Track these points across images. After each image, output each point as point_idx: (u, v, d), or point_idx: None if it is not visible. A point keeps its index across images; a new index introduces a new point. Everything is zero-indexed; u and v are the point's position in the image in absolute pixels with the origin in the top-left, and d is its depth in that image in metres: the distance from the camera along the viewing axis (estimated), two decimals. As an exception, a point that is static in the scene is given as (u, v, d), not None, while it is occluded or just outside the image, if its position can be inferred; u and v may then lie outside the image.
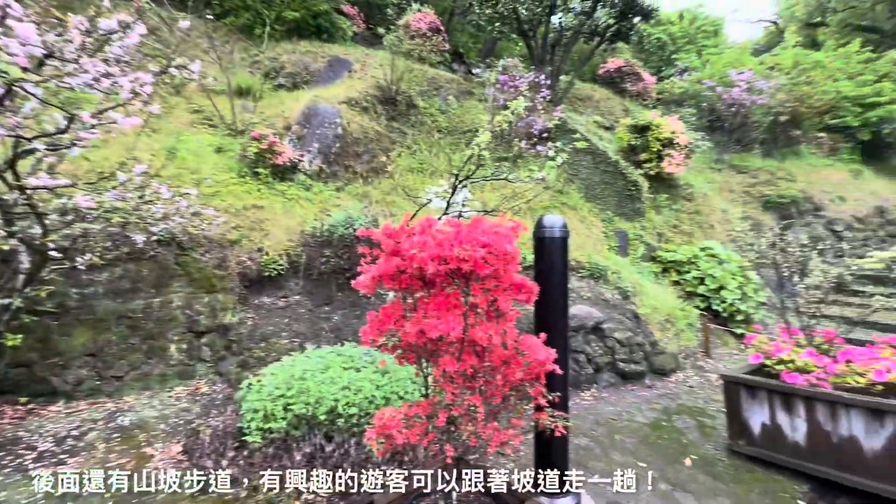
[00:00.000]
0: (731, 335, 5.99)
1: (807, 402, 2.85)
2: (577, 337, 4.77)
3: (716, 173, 8.99)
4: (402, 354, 1.85)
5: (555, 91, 8.42)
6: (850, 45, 11.63)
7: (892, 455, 2.50)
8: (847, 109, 10.29)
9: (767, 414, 3.04)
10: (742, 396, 3.18)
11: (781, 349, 3.18)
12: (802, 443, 2.86)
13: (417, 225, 1.58)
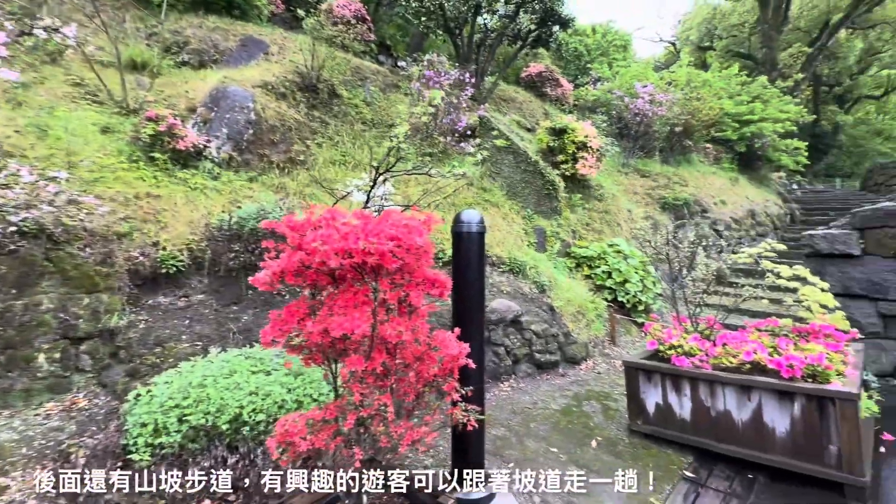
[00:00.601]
0: (634, 324, 6.57)
1: (692, 382, 3.19)
2: (497, 330, 4.91)
3: (623, 176, 9.79)
4: (309, 355, 1.74)
5: (479, 90, 8.59)
6: (731, 69, 13.33)
7: (756, 425, 2.89)
8: (728, 124, 11.78)
9: (660, 395, 3.36)
10: (640, 380, 3.48)
11: (672, 336, 3.53)
12: (688, 418, 3.21)
13: (321, 217, 1.48)
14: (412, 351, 1.78)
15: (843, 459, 2.56)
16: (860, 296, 4.24)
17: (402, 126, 3.07)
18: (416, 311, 1.69)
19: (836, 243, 4.43)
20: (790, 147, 12.87)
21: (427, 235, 1.55)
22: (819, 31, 18.04)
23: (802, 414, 2.71)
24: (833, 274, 4.33)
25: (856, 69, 20.27)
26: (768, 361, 2.92)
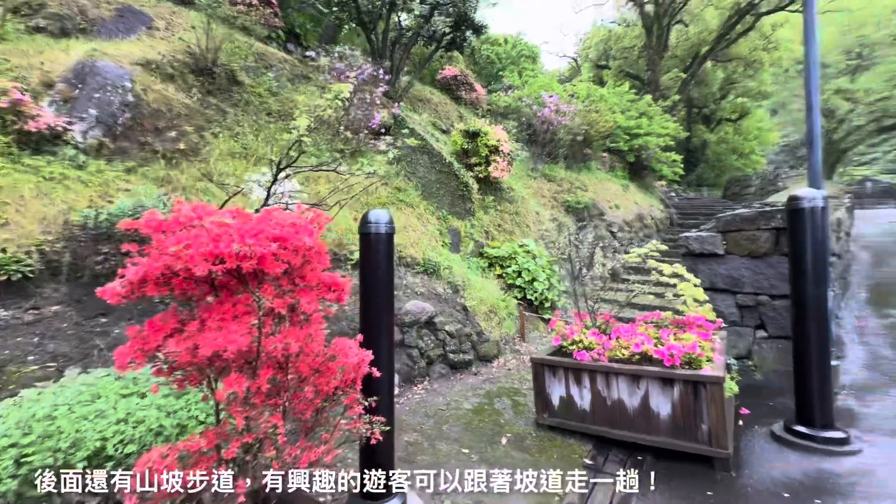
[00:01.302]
0: (542, 320, 6.93)
1: (590, 374, 3.41)
2: (411, 332, 4.83)
3: (532, 180, 10.33)
4: (184, 376, 1.49)
5: (394, 88, 8.46)
6: (623, 87, 14.80)
7: (644, 410, 3.16)
8: (620, 136, 13.04)
9: (564, 388, 3.54)
10: (546, 375, 3.64)
11: (574, 331, 3.75)
12: (587, 409, 3.42)
13: (188, 215, 1.27)
14: (309, 363, 1.62)
15: (712, 436, 2.91)
16: (723, 289, 4.91)
17: (303, 118, 2.85)
18: (309, 319, 1.54)
19: (705, 244, 5.07)
20: (669, 159, 14.64)
21: (318, 235, 1.41)
22: (691, 59, 20.81)
23: (681, 398, 3.03)
24: (703, 271, 4.96)
25: (718, 95, 23.77)
26: (654, 352, 3.22)
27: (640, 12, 19.69)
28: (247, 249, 1.17)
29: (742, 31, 19.03)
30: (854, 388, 3.99)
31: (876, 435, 3.19)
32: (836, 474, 2.78)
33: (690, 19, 20.62)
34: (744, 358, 4.67)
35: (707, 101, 23.39)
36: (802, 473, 2.82)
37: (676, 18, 19.61)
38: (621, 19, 24.16)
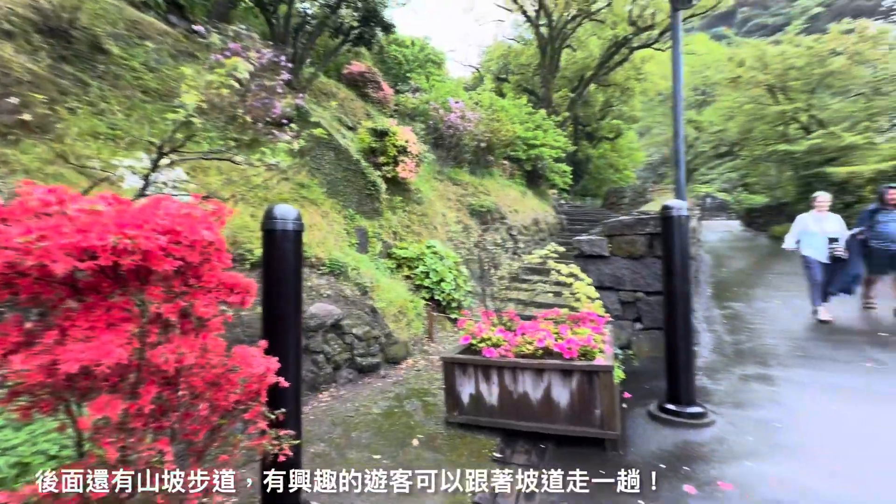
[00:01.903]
0: (449, 320, 7.07)
1: (498, 370, 3.54)
2: (316, 337, 4.56)
3: (438, 182, 10.51)
4: (31, 402, 1.18)
5: (297, 78, 7.95)
6: (522, 100, 15.86)
7: (546, 401, 3.38)
8: (519, 146, 13.94)
9: (473, 385, 3.62)
10: (456, 373, 3.69)
11: (483, 329, 3.86)
12: (496, 404, 3.55)
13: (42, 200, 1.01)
14: (204, 376, 1.41)
15: (604, 419, 3.22)
16: (609, 287, 5.50)
17: (192, 95, 2.49)
18: (206, 326, 1.34)
19: (594, 247, 5.63)
20: (561, 170, 16.06)
21: (219, 229, 1.23)
22: (578, 81, 23.13)
23: (578, 387, 3.29)
24: (593, 271, 5.50)
25: (599, 115, 26.79)
26: (555, 346, 3.46)
27: (535, 33, 21.31)
28: (128, 243, 0.96)
29: (619, 61, 21.68)
30: (706, 369, 4.75)
31: (724, 407, 3.82)
32: (699, 443, 3.26)
33: (578, 45, 22.91)
34: (625, 348, 5.28)
35: (590, 120, 26.16)
36: (673, 445, 3.26)
37: (566, 43, 21.62)
38: (519, 37, 25.93)
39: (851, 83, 14.06)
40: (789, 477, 2.76)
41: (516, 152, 13.96)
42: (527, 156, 14.15)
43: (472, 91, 15.07)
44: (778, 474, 2.80)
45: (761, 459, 2.99)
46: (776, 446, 3.15)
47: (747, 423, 3.53)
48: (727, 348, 5.31)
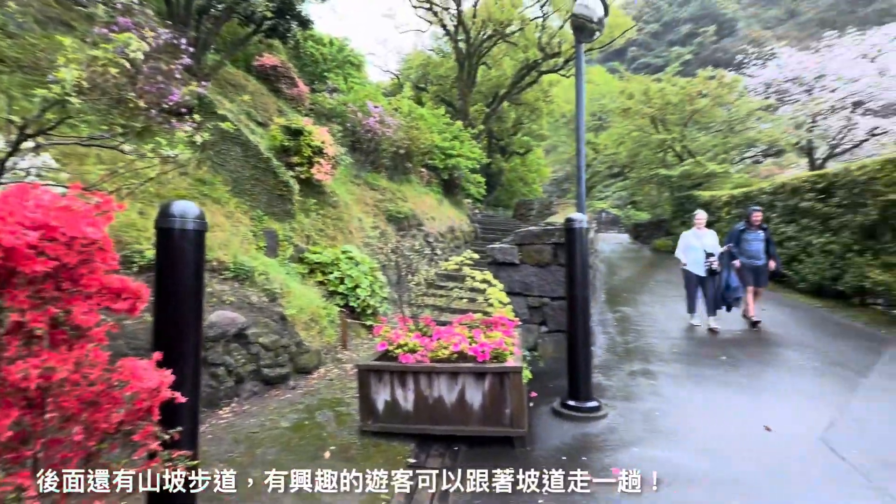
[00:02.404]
0: (364, 327, 6.92)
1: (414, 375, 3.55)
2: (216, 348, 4.17)
3: (355, 186, 10.30)
4: None
5: (200, 64, 7.28)
6: (440, 110, 16.24)
7: (461, 404, 3.47)
8: (437, 155, 14.23)
9: (389, 392, 3.59)
10: (371, 381, 3.63)
11: (399, 336, 3.86)
12: (411, 409, 3.55)
13: None
14: (80, 394, 1.22)
15: (514, 418, 3.39)
16: (518, 293, 5.83)
17: (72, 70, 2.14)
18: (84, 336, 1.16)
19: (505, 255, 5.94)
20: (476, 180, 16.71)
21: (104, 225, 1.08)
22: (493, 97, 24.35)
23: (490, 388, 3.44)
24: (504, 277, 5.79)
25: (511, 131, 28.45)
26: (469, 350, 3.58)
27: (454, 47, 22.00)
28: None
29: (529, 82, 23.25)
30: (601, 367, 5.25)
31: (616, 400, 4.26)
32: (594, 434, 3.59)
33: (493, 63, 24.11)
34: (532, 350, 5.63)
35: (503, 135, 27.62)
36: (573, 438, 3.55)
37: (483, 60, 22.65)
38: (438, 49, 26.58)
39: (713, 121, 16.71)
40: (667, 457, 3.16)
41: (434, 161, 14.22)
42: (444, 165, 14.49)
43: (391, 97, 15.05)
44: (658, 456, 3.19)
45: (646, 445, 3.38)
46: (657, 432, 3.59)
47: (634, 413, 3.97)
48: (618, 348, 5.93)
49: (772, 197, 9.99)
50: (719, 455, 3.21)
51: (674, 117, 16.94)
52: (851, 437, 3.43)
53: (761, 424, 3.67)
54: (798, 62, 16.41)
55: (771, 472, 2.96)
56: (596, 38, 5.06)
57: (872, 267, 6.99)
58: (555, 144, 34.66)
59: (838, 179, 8.04)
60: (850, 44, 15.61)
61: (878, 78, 14.18)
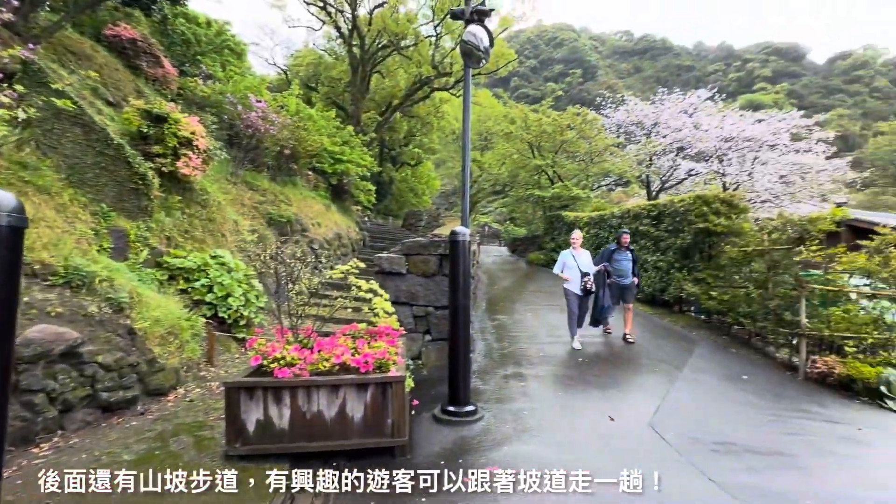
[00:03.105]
0: (235, 340, 6.29)
1: (291, 391, 3.35)
2: (34, 370, 3.42)
3: (231, 185, 9.38)
4: None
5: (28, 22, 5.97)
6: (331, 113, 15.75)
7: (341, 417, 3.37)
8: (325, 159, 13.74)
9: (262, 410, 3.33)
10: (242, 399, 3.32)
11: (276, 348, 3.61)
12: (287, 427, 3.34)
13: None
14: None
15: (395, 427, 3.41)
16: (404, 302, 5.91)
17: None
18: None
19: (393, 264, 5.98)
20: (366, 188, 16.52)
21: None
22: (386, 107, 24.44)
23: (373, 399, 3.41)
24: (391, 287, 5.82)
25: (403, 142, 28.85)
26: (352, 361, 3.51)
27: (348, 51, 21.60)
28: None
29: (422, 97, 23.91)
30: (479, 372, 5.59)
31: (491, 403, 4.57)
32: (471, 437, 3.80)
33: (388, 73, 24.25)
34: (416, 358, 5.73)
35: (395, 145, 27.86)
36: (452, 442, 3.70)
37: (377, 68, 22.64)
38: (331, 51, 25.80)
39: (578, 151, 19.14)
40: (532, 452, 3.49)
41: (322, 164, 13.70)
42: (333, 170, 14.04)
43: (277, 93, 14.12)
44: (526, 452, 3.50)
45: (515, 442, 3.69)
46: (525, 430, 3.95)
47: (506, 415, 4.30)
48: (495, 354, 6.37)
49: (619, 220, 11.80)
50: (573, 445, 3.65)
51: (548, 145, 18.99)
52: (669, 421, 4.20)
53: (607, 415, 4.29)
54: (640, 110, 19.76)
55: (612, 455, 3.46)
56: (482, 65, 5.45)
57: (687, 281, 8.68)
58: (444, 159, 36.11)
59: (665, 209, 9.86)
60: (675, 101, 19.36)
61: (694, 130, 17.81)
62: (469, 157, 5.08)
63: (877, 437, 4.20)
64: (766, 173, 16.67)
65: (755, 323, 7.21)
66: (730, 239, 8.11)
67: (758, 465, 3.42)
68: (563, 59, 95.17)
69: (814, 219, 6.73)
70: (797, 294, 6.34)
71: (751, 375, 5.90)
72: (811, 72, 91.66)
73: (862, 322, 6.12)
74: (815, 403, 5.09)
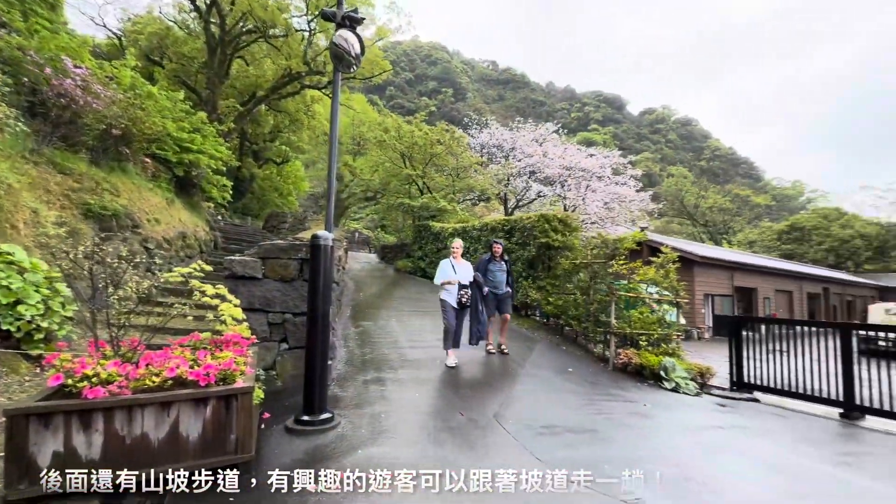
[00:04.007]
0: (27, 359, 5.03)
1: (106, 413, 2.86)
2: None
3: (31, 166, 7.51)
4: None
5: None
6: (178, 94, 13.79)
7: (172, 438, 2.99)
8: (169, 146, 11.96)
9: (62, 440, 2.76)
10: (32, 429, 2.71)
11: (87, 365, 3.04)
12: (97, 457, 2.82)
13: None
14: None
15: (239, 443, 3.16)
16: (259, 309, 5.49)
17: None
18: None
19: (247, 268, 5.53)
20: (220, 183, 14.83)
21: None
22: (250, 97, 22.39)
23: (213, 415, 3.11)
24: (244, 292, 5.36)
25: (269, 137, 26.74)
26: (189, 374, 3.15)
27: (204, 28, 19.27)
28: None
29: (291, 92, 22.57)
30: (339, 379, 5.49)
31: (349, 409, 4.53)
32: (325, 445, 3.72)
33: (253, 61, 22.30)
34: (270, 369, 5.37)
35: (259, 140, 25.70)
36: (304, 453, 3.58)
37: (239, 53, 20.66)
38: (183, 24, 22.64)
39: (446, 165, 20.28)
40: (385, 452, 3.59)
41: (165, 152, 11.88)
42: (179, 159, 12.28)
43: (105, 61, 11.81)
44: (380, 454, 3.58)
45: (370, 445, 3.74)
46: (381, 432, 4.02)
47: (363, 418, 4.32)
48: (356, 360, 6.34)
49: (479, 232, 12.86)
50: (427, 442, 3.86)
51: (419, 156, 19.69)
52: (509, 412, 4.75)
53: (458, 412, 4.63)
54: (501, 134, 21.92)
55: (462, 448, 3.77)
56: (353, 70, 5.47)
57: (532, 288, 9.90)
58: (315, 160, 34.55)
59: (517, 224, 11.11)
60: (529, 130, 21.99)
61: (543, 158, 20.46)
62: (336, 160, 5.03)
63: (655, 411, 5.39)
64: (595, 199, 20.01)
65: (580, 324, 8.58)
66: (564, 253, 9.53)
67: (573, 441, 4.10)
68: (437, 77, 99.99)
69: (621, 239, 8.35)
70: (609, 299, 7.77)
71: (575, 368, 7.00)
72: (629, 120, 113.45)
73: (651, 322, 7.78)
74: (618, 388, 6.29)
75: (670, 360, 7.05)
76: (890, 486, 3.60)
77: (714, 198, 53.44)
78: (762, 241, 46.95)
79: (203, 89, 19.85)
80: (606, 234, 9.22)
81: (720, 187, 63.34)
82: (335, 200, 21.67)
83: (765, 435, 4.88)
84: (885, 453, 4.53)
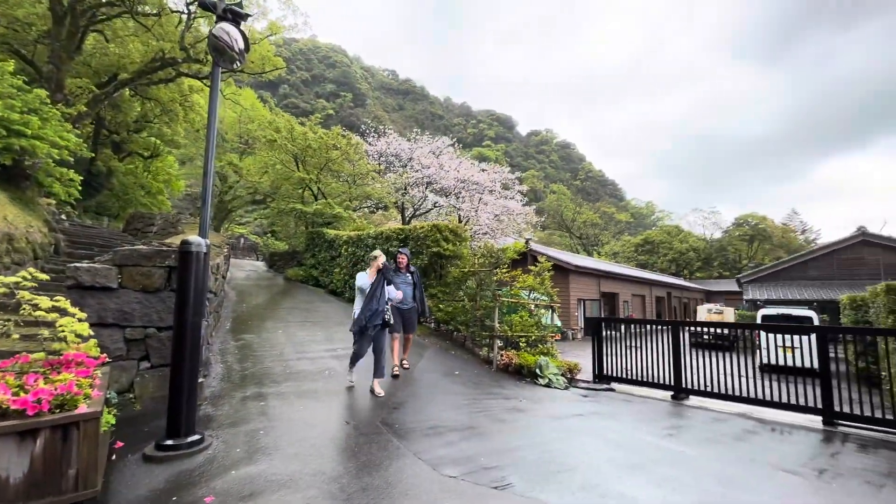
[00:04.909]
0: None
1: None
2: None
3: None
4: None
5: None
6: (8, 65, 11.38)
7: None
8: (-7, 128, 9.81)
9: None
10: None
11: None
12: None
13: None
14: None
15: (80, 478, 2.76)
16: (113, 324, 4.79)
17: None
18: None
19: (98, 277, 4.80)
20: (65, 176, 12.53)
21: None
22: (109, 78, 19.34)
23: (46, 448, 2.67)
24: (93, 305, 4.64)
25: (133, 127, 23.31)
26: (12, 402, 2.67)
27: (48, -8, 16.22)
28: None
29: (164, 78, 20.06)
30: (212, 397, 5.05)
31: (222, 429, 4.20)
32: (191, 469, 3.41)
33: (114, 38, 19.37)
34: (126, 391, 4.72)
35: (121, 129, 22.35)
36: (165, 481, 3.24)
37: (96, 26, 17.80)
38: (18, -18, 18.73)
39: (342, 171, 19.84)
40: (261, 470, 3.42)
41: (-16, 135, 9.71)
42: (5, 144, 10.12)
43: None
44: (256, 472, 3.40)
45: (245, 464, 3.53)
46: (257, 450, 3.82)
47: (239, 437, 4.05)
48: (235, 375, 5.88)
49: (375, 241, 12.84)
50: (307, 455, 3.77)
51: (313, 160, 18.95)
52: (397, 416, 4.85)
53: (345, 421, 4.60)
54: (399, 144, 22.19)
55: (341, 456, 3.75)
56: (237, 67, 5.16)
57: (425, 295, 10.18)
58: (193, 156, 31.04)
59: (411, 233, 11.36)
60: (427, 142, 22.64)
61: (440, 169, 21.20)
62: (213, 158, 4.68)
63: (529, 405, 5.96)
64: (486, 211, 21.31)
65: (468, 329, 9.08)
66: (454, 261, 10.02)
67: (455, 439, 4.35)
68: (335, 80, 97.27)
69: (504, 249, 9.08)
70: (493, 305, 8.38)
71: (461, 371, 7.40)
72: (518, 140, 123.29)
73: (530, 325, 8.57)
74: (499, 387, 6.80)
75: (545, 358, 7.85)
76: (695, 449, 4.51)
77: (587, 214, 60.73)
78: (623, 252, 54.66)
79: (44, 63, 16.62)
80: (492, 244, 9.94)
81: (592, 204, 72.28)
82: (217, 202, 20.11)
83: (613, 417, 5.72)
84: (697, 425, 5.64)
